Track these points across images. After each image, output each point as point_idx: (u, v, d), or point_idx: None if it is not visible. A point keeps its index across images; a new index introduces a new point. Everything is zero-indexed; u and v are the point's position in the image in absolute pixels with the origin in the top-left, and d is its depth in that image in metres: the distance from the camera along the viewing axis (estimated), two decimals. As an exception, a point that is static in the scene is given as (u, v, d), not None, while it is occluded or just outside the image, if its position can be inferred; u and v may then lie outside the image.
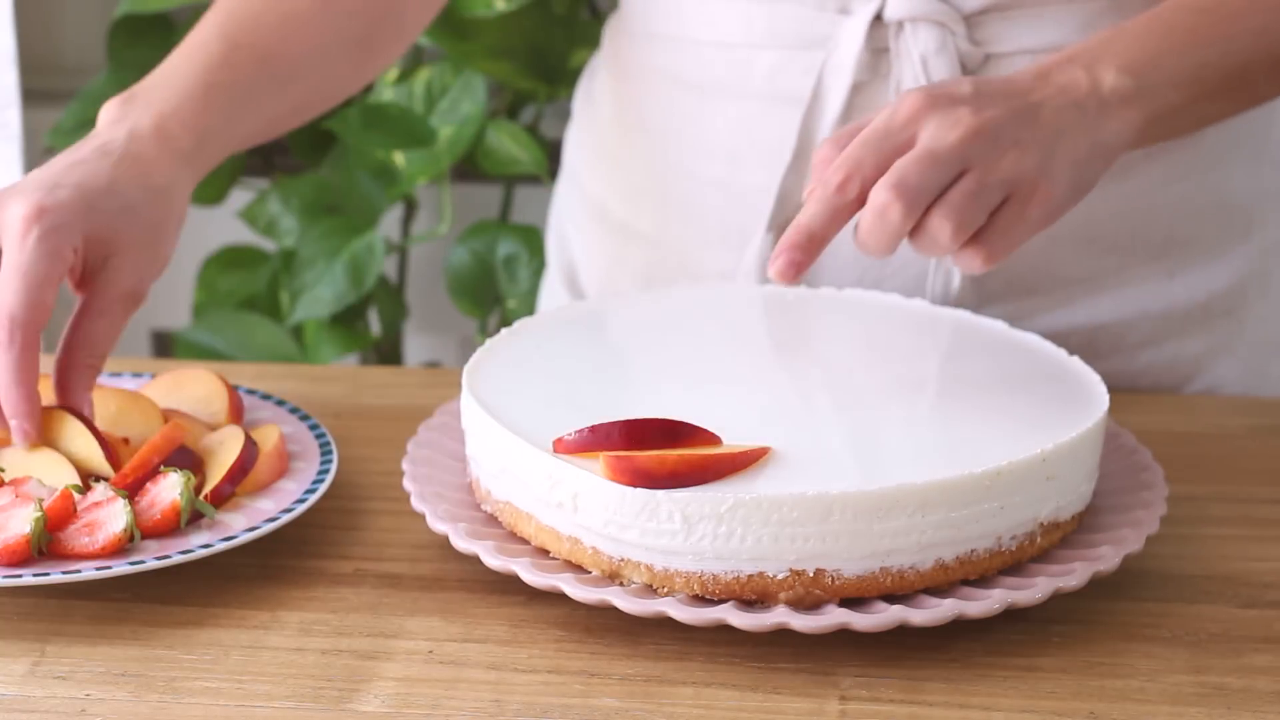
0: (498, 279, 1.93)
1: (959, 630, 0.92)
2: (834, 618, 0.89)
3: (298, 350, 1.95)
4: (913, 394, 1.02)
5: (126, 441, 1.03)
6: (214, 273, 2.04)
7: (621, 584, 0.92)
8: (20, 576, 0.92)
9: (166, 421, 1.04)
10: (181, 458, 1.00)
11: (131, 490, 0.98)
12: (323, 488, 1.01)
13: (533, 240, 1.92)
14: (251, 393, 1.12)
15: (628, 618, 0.93)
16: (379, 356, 2.01)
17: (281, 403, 1.11)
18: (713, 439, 0.93)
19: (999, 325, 1.10)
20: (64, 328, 1.04)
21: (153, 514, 0.96)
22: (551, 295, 1.38)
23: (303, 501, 1.00)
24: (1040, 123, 0.99)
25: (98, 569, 0.93)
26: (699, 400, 0.97)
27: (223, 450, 1.02)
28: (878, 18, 1.14)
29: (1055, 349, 1.06)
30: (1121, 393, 1.22)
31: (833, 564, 0.90)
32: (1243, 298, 1.25)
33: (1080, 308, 1.21)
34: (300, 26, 1.15)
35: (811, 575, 0.90)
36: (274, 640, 0.93)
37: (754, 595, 0.91)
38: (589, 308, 1.13)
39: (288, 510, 0.99)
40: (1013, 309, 1.20)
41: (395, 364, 2.01)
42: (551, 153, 1.82)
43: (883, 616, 0.89)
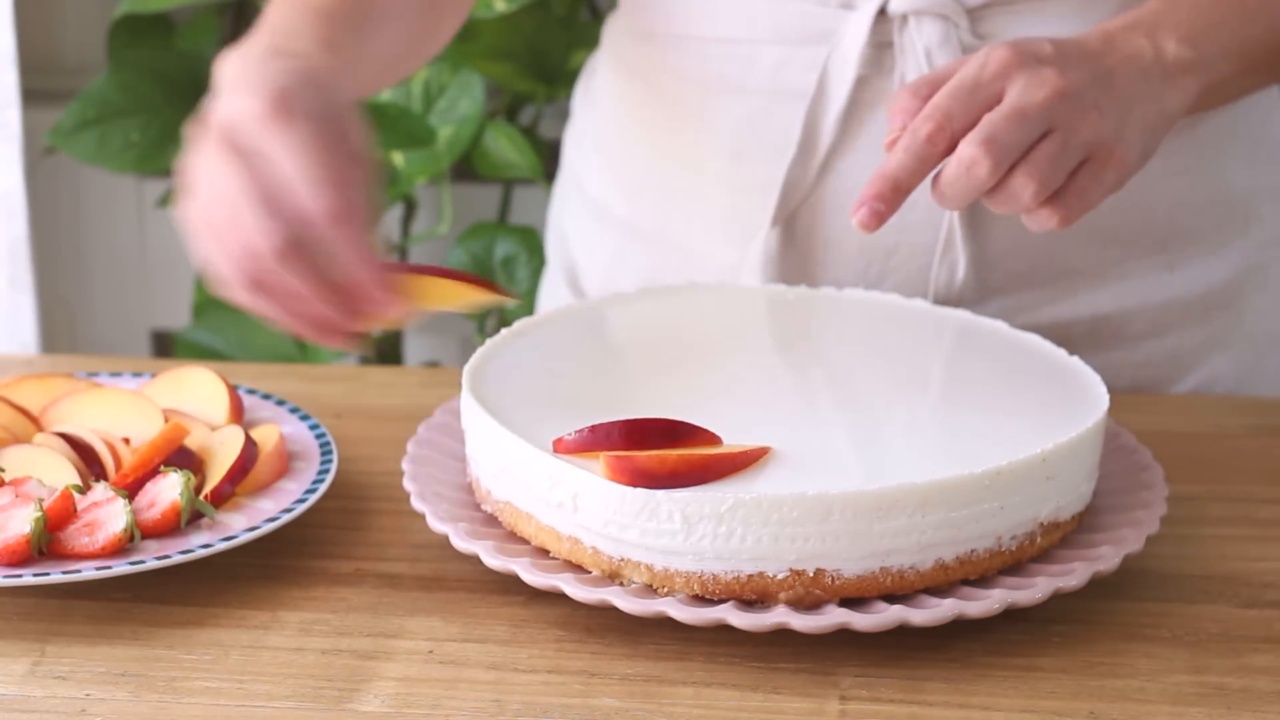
0: (496, 280, 1.93)
1: (959, 630, 0.92)
2: (834, 618, 0.89)
3: (298, 350, 1.95)
4: (913, 394, 1.02)
5: (127, 441, 1.03)
6: (214, 273, 2.03)
7: (621, 584, 0.92)
8: (20, 576, 0.92)
9: (166, 421, 1.04)
10: (181, 458, 1.00)
11: (131, 490, 0.98)
12: (323, 488, 1.01)
13: (531, 241, 1.92)
14: (251, 393, 1.12)
15: (628, 618, 0.93)
16: (379, 356, 2.01)
17: (281, 403, 1.11)
18: (713, 439, 0.93)
19: (999, 325, 1.10)
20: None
21: (153, 514, 0.96)
22: (552, 294, 1.38)
23: (303, 501, 1.00)
24: (1114, 88, 1.00)
25: (98, 569, 0.93)
26: (699, 400, 0.97)
27: (223, 450, 1.02)
28: (881, 12, 1.15)
29: (1055, 349, 1.06)
30: (1121, 393, 1.22)
31: (833, 564, 0.90)
32: (1241, 291, 1.25)
33: (1082, 300, 1.22)
34: None
35: (811, 575, 0.90)
36: (274, 640, 0.93)
37: (754, 595, 0.91)
38: (589, 307, 1.13)
39: (288, 510, 0.99)
40: (1016, 301, 1.20)
41: (395, 364, 2.01)
42: (550, 153, 1.82)
43: (883, 616, 0.89)
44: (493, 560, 0.94)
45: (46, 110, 2.01)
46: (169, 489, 0.97)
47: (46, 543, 0.94)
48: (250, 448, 1.01)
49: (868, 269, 1.19)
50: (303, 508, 0.99)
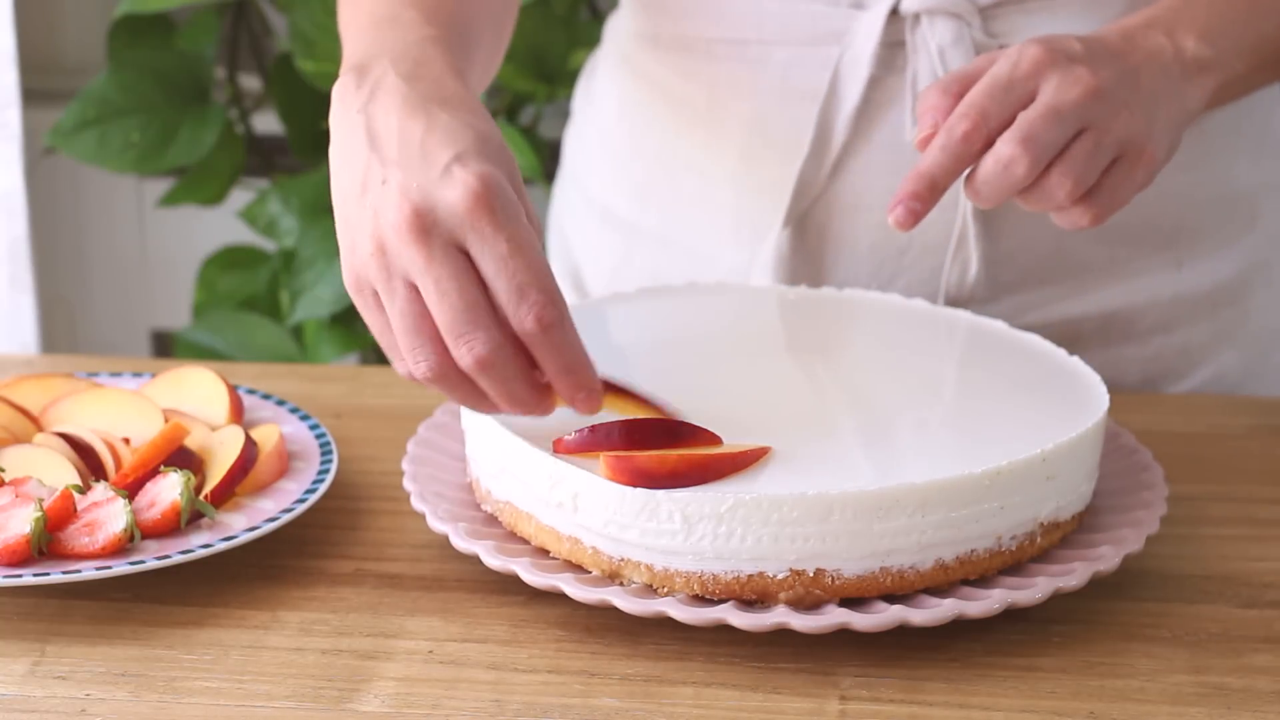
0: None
1: (959, 630, 0.92)
2: (834, 618, 0.89)
3: (298, 350, 1.95)
4: (913, 394, 1.02)
5: (127, 441, 1.03)
6: (214, 273, 2.04)
7: (621, 584, 0.92)
8: (20, 576, 0.92)
9: (166, 421, 1.04)
10: (181, 458, 1.00)
11: (131, 490, 0.98)
12: (323, 488, 1.01)
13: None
14: (251, 393, 1.12)
15: (628, 618, 0.93)
16: (379, 356, 2.01)
17: (281, 403, 1.11)
18: (713, 439, 0.93)
19: (999, 325, 1.10)
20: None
21: (153, 514, 0.96)
22: (554, 295, 1.38)
23: (303, 501, 1.00)
24: (1140, 86, 1.01)
25: (98, 569, 0.93)
26: (699, 400, 0.97)
27: (223, 450, 1.02)
28: (893, 11, 1.15)
29: (1055, 348, 1.06)
30: (1131, 388, 1.23)
31: (833, 564, 0.90)
32: (1248, 287, 1.26)
33: (1092, 297, 1.22)
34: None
35: (811, 575, 0.90)
36: (274, 640, 0.93)
37: (754, 595, 0.91)
38: (589, 307, 1.13)
39: (288, 510, 0.99)
40: (1026, 299, 1.21)
41: (395, 364, 2.01)
42: (550, 153, 1.82)
43: (883, 616, 0.89)
44: (493, 560, 0.94)
45: (46, 110, 2.01)
46: (169, 489, 0.97)
47: (46, 543, 0.94)
48: (250, 448, 1.01)
49: (880, 268, 1.19)
50: (303, 508, 0.99)
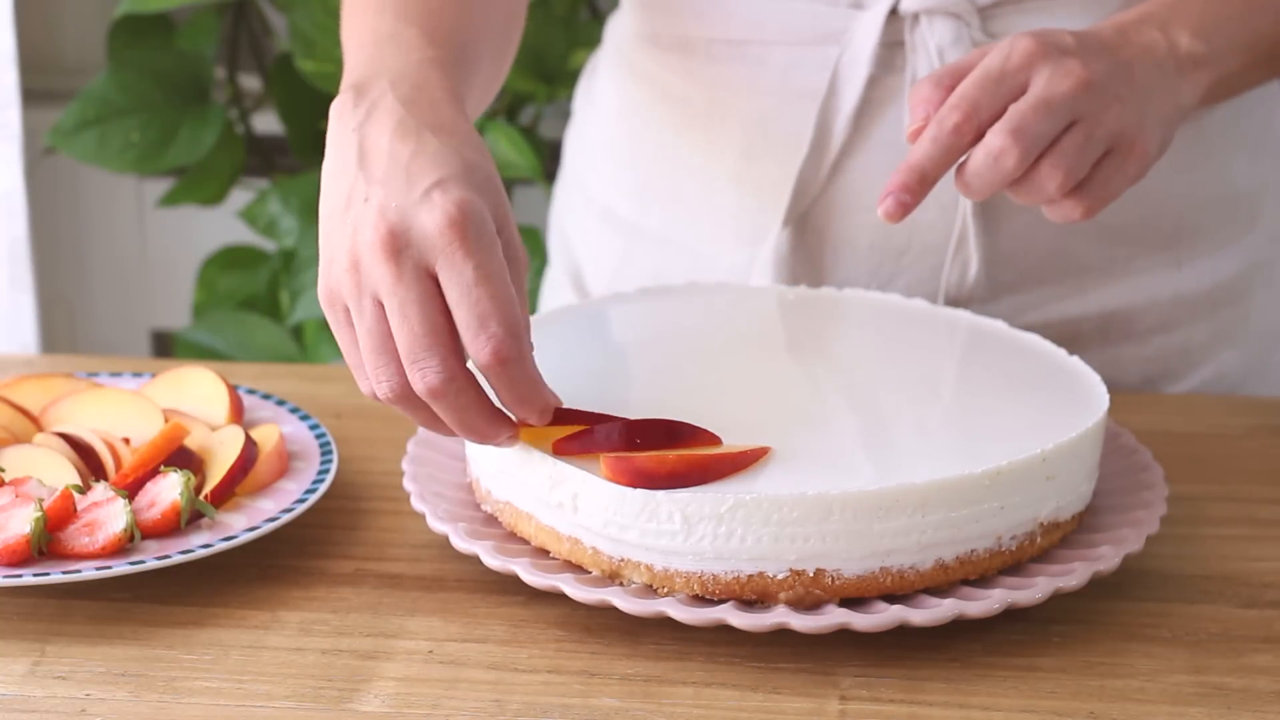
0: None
1: (959, 630, 0.92)
2: (834, 618, 0.89)
3: (298, 350, 1.95)
4: (913, 393, 1.02)
5: (127, 441, 1.03)
6: (214, 273, 2.04)
7: (621, 584, 0.92)
8: (20, 576, 0.92)
9: (166, 421, 1.04)
10: (181, 458, 1.00)
11: (131, 490, 0.98)
12: (323, 488, 1.01)
13: (532, 241, 1.92)
14: (251, 393, 1.12)
15: (628, 618, 0.93)
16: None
17: (281, 403, 1.11)
18: (713, 439, 0.93)
19: (999, 325, 1.10)
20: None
21: (153, 514, 0.96)
22: (555, 294, 1.38)
23: (303, 501, 1.00)
24: (1133, 80, 1.01)
25: (98, 569, 0.93)
26: (699, 400, 0.97)
27: (223, 450, 1.02)
28: (892, 11, 1.15)
29: (1055, 348, 1.06)
30: (1131, 388, 1.23)
31: (833, 564, 0.90)
32: (1248, 287, 1.26)
33: (1092, 296, 1.22)
34: (470, 12, 1.05)
35: (811, 575, 0.90)
36: (274, 640, 0.93)
37: (754, 595, 0.91)
38: (590, 307, 1.13)
39: (288, 510, 0.99)
40: (1026, 299, 1.21)
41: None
42: (551, 153, 1.82)
43: (883, 616, 0.89)
44: (493, 560, 0.94)
45: (46, 110, 2.01)
46: (169, 489, 0.97)
47: (46, 543, 0.94)
48: (250, 448, 1.01)
49: (879, 268, 1.19)
50: (303, 508, 0.99)
